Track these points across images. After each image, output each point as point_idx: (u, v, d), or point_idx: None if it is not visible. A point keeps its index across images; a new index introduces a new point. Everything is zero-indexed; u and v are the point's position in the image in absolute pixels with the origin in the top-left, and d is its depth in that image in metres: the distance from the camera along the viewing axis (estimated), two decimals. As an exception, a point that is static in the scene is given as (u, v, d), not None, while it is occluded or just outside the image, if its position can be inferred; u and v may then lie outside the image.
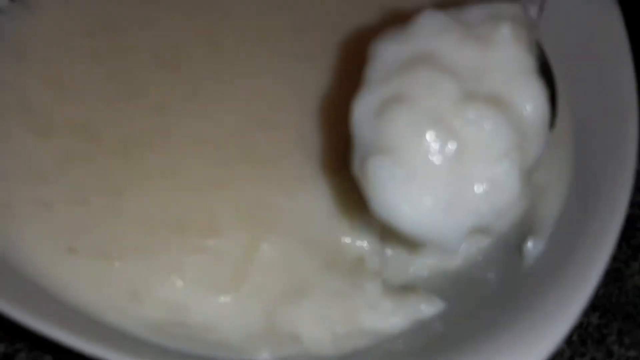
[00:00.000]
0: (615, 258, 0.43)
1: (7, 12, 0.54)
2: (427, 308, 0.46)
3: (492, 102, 0.39)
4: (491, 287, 0.47)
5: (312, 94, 0.51)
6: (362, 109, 0.40)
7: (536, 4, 0.46)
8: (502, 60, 0.40)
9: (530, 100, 0.39)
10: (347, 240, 0.47)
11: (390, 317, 0.45)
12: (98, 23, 0.54)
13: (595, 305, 0.51)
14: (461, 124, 0.38)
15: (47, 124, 0.50)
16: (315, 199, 0.48)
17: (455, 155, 0.38)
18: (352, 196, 0.47)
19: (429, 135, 0.38)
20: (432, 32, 0.41)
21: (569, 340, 0.50)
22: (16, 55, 0.52)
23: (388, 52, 0.41)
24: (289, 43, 0.54)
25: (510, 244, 0.47)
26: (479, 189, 0.39)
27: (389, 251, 0.48)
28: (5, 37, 0.53)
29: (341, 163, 0.47)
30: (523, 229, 0.47)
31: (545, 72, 0.45)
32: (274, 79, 0.52)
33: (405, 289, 0.47)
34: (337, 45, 0.54)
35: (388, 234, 0.47)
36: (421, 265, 0.48)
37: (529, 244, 0.46)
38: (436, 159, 0.38)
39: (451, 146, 0.38)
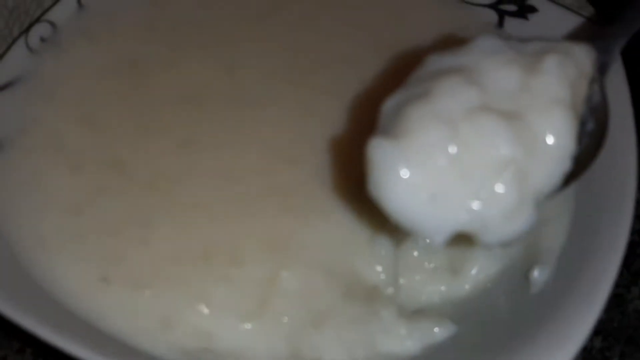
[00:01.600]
0: (616, 284, 0.45)
1: (40, 51, 0.57)
2: (440, 331, 0.48)
3: (505, 116, 0.40)
4: (500, 312, 0.49)
5: (331, 127, 0.54)
6: (390, 104, 0.43)
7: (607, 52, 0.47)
8: (537, 87, 0.41)
9: (550, 129, 0.41)
10: (363, 268, 0.49)
11: (405, 341, 0.48)
12: (124, 62, 0.57)
13: (598, 329, 0.53)
14: (468, 128, 0.40)
15: (78, 159, 0.53)
16: (333, 229, 0.50)
17: (456, 155, 0.40)
18: (368, 224, 0.49)
19: (434, 130, 0.40)
20: (482, 52, 0.43)
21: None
22: (48, 94, 0.55)
23: (435, 63, 0.44)
24: (308, 77, 0.57)
25: (517, 272, 0.50)
26: (471, 193, 0.40)
27: (402, 280, 0.50)
28: (37, 77, 0.56)
29: (358, 193, 0.49)
30: (530, 257, 0.50)
31: (599, 116, 0.46)
32: (293, 112, 0.55)
33: (418, 313, 0.49)
34: (354, 80, 0.57)
35: (403, 260, 0.49)
36: (433, 292, 0.50)
37: (536, 272, 0.48)
38: (436, 153, 0.40)
39: (452, 146, 0.40)
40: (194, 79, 0.56)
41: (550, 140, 0.41)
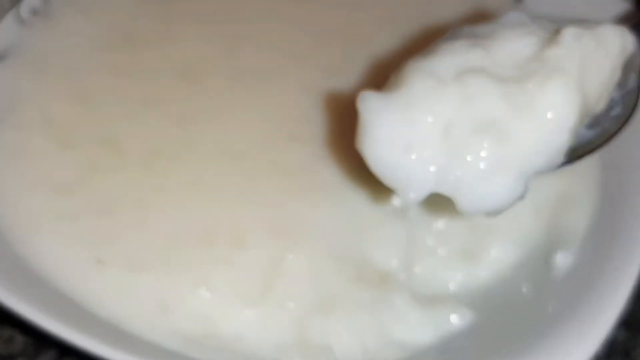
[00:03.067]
0: (640, 273, 0.43)
1: (29, 24, 0.54)
2: (456, 319, 0.46)
3: (499, 80, 0.39)
4: (520, 300, 0.47)
5: (335, 105, 0.51)
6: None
7: None
8: (548, 58, 0.40)
9: (546, 98, 0.39)
10: (374, 252, 0.46)
11: (419, 329, 0.45)
12: (119, 36, 0.55)
13: (622, 320, 0.51)
14: (456, 86, 0.39)
15: (70, 135, 0.50)
16: (341, 210, 0.47)
17: (438, 111, 0.39)
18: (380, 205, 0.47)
19: (420, 84, 0.39)
20: (504, 25, 0.42)
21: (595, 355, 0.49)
22: (38, 69, 0.52)
23: (457, 33, 0.43)
24: (311, 54, 0.54)
25: (539, 257, 0.47)
26: (448, 151, 0.39)
27: (416, 267, 0.47)
28: (27, 49, 0.53)
29: (368, 173, 0.47)
30: (552, 241, 0.47)
31: (629, 101, 0.45)
32: (297, 90, 0.52)
33: (433, 300, 0.47)
34: (359, 56, 0.54)
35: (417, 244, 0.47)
36: (448, 279, 0.48)
37: (558, 257, 0.46)
38: (418, 107, 0.39)
39: (443, 108, 0.39)
40: (191, 54, 0.53)
41: (545, 109, 0.39)
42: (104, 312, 0.43)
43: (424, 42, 0.45)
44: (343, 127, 0.50)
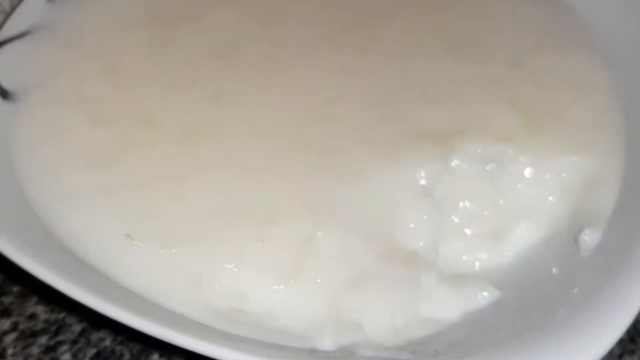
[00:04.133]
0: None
1: (58, 2, 0.54)
2: (483, 297, 0.46)
3: None
4: (547, 279, 0.47)
5: (367, 87, 0.51)
6: None
7: None
8: None
9: None
10: (403, 232, 0.47)
11: (447, 306, 0.45)
12: (148, 13, 0.55)
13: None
14: None
15: (101, 112, 0.50)
16: (371, 189, 0.47)
17: None
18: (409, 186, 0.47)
19: None
20: None
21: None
22: (69, 44, 0.53)
23: None
24: (345, 32, 0.54)
25: (566, 236, 0.47)
26: None
27: (443, 246, 0.48)
28: (56, 25, 0.54)
29: (400, 153, 0.47)
30: (579, 218, 0.47)
31: None
32: (328, 71, 0.52)
33: (460, 278, 0.47)
34: (394, 35, 0.54)
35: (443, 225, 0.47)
36: (474, 259, 0.48)
37: (585, 235, 0.46)
38: None
39: None
40: (224, 32, 0.53)
41: None
42: (133, 285, 0.44)
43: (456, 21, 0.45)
44: (375, 107, 0.50)
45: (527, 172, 0.48)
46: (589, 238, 0.46)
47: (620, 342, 0.49)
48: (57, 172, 0.47)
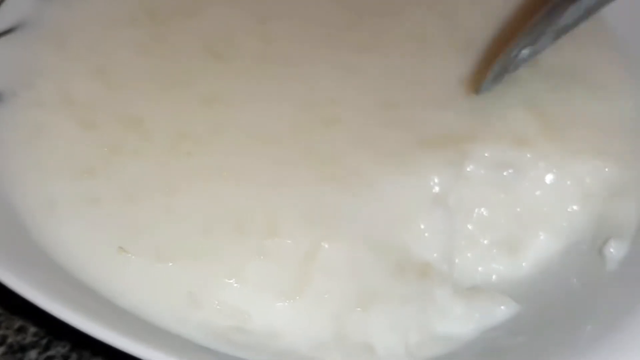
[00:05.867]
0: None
1: (47, -5, 0.51)
2: (501, 312, 0.43)
3: None
4: (568, 294, 0.44)
5: (372, 88, 0.48)
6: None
7: None
8: None
9: None
10: (414, 243, 0.44)
11: (463, 323, 0.43)
12: (141, 10, 0.52)
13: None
14: None
15: (91, 115, 0.47)
16: (379, 198, 0.45)
17: None
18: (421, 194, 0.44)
19: None
20: None
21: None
22: (57, 43, 0.49)
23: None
24: (344, 31, 0.51)
25: (589, 246, 0.45)
26: None
27: (458, 258, 0.45)
28: (44, 22, 0.50)
29: (410, 159, 0.45)
30: (603, 229, 0.45)
31: None
32: (330, 70, 0.49)
33: (476, 292, 0.44)
34: (394, 34, 0.51)
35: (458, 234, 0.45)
36: (492, 271, 0.46)
37: (611, 247, 0.43)
38: None
39: None
40: (220, 30, 0.50)
41: None
42: (126, 303, 0.41)
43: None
44: (381, 109, 0.47)
45: (547, 178, 0.46)
46: (615, 250, 0.43)
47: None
48: (44, 180, 0.44)
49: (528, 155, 0.46)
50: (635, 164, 0.45)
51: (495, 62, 0.47)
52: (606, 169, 0.46)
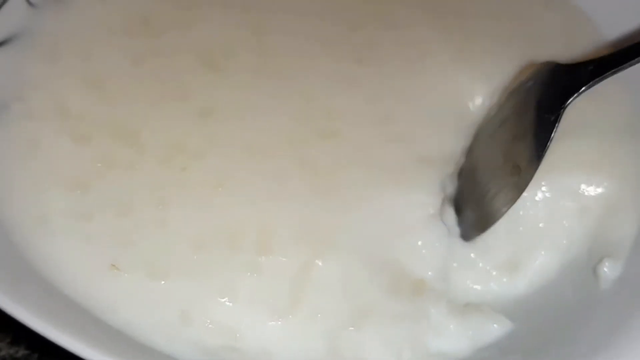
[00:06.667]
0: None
1: (40, 6, 0.50)
2: (495, 330, 0.43)
3: None
4: (561, 313, 0.44)
5: (369, 100, 0.48)
6: None
7: None
8: None
9: None
10: (410, 260, 0.43)
11: (457, 340, 0.43)
12: (136, 21, 0.51)
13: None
14: None
15: (84, 128, 0.46)
16: (374, 214, 0.44)
17: None
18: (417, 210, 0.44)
19: None
20: None
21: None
22: (50, 54, 0.49)
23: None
24: (340, 43, 0.50)
25: (584, 266, 0.44)
26: None
27: (454, 275, 0.45)
28: (39, 34, 0.50)
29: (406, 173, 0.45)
30: (598, 249, 0.44)
31: None
32: (327, 82, 0.48)
33: (470, 309, 0.44)
34: (389, 45, 0.51)
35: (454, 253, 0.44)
36: (487, 289, 0.45)
37: (605, 266, 0.43)
38: None
39: None
40: (216, 42, 0.50)
41: None
42: (117, 321, 0.41)
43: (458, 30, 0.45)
44: (378, 123, 0.47)
45: (544, 194, 0.45)
46: (609, 270, 0.43)
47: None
48: (36, 194, 0.44)
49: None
50: (627, 181, 0.45)
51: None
52: (599, 185, 0.45)
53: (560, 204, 0.45)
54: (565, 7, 0.52)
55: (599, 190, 0.46)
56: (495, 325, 0.43)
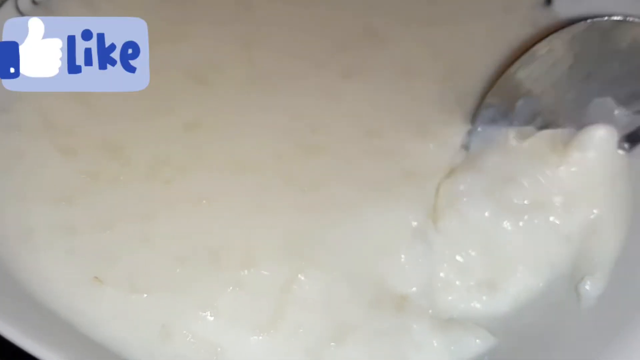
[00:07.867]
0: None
1: (28, 15, 0.50)
2: (477, 344, 0.43)
3: None
4: (543, 329, 0.44)
5: (355, 115, 0.48)
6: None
7: None
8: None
9: None
10: (393, 276, 0.43)
11: (439, 355, 0.43)
12: (122, 32, 0.50)
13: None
14: None
15: (71, 140, 0.47)
16: (358, 230, 0.44)
17: None
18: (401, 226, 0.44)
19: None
20: None
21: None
22: (37, 64, 0.48)
23: None
24: (327, 58, 0.51)
25: (566, 284, 0.44)
26: None
27: (437, 291, 0.45)
28: (24, 45, 0.49)
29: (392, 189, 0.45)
30: (580, 267, 0.44)
31: None
32: (313, 97, 0.49)
33: (453, 324, 0.44)
34: (377, 60, 0.51)
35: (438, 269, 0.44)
36: (470, 305, 0.45)
37: (587, 285, 0.43)
38: None
39: None
40: (204, 56, 0.50)
41: None
42: (100, 336, 0.41)
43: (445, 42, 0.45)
44: (364, 138, 0.47)
45: (528, 216, 0.45)
46: (590, 288, 0.43)
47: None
48: (20, 207, 0.44)
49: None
50: (608, 201, 0.45)
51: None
52: (580, 207, 0.45)
53: (540, 225, 0.45)
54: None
55: (585, 217, 0.45)
56: (477, 340, 0.43)
